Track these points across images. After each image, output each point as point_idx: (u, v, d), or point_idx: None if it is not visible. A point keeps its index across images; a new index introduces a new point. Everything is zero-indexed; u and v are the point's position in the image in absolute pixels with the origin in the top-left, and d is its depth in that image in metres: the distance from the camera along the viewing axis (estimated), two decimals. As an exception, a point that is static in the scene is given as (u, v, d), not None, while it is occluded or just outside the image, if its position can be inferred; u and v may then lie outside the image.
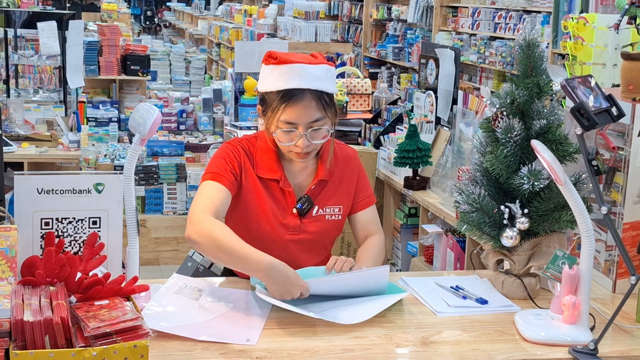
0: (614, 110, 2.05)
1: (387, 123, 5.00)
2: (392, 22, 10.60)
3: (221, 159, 2.43)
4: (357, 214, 2.57)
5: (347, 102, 5.30)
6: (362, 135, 5.18)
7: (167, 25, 21.71)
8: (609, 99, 2.06)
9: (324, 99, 2.36)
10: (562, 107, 2.57)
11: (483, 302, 2.28)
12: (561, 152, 2.27)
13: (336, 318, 2.10)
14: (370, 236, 2.57)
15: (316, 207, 2.47)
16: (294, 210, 2.45)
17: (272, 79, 2.36)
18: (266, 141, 2.46)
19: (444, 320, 2.17)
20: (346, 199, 2.53)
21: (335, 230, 2.54)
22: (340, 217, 2.52)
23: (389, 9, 10.56)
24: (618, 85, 2.59)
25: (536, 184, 2.23)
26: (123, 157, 6.03)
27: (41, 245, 2.06)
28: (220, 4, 17.47)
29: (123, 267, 2.15)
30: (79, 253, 2.07)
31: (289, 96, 2.32)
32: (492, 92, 4.32)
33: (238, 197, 2.45)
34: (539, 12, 7.42)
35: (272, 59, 2.38)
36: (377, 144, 4.75)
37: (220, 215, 2.34)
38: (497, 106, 2.32)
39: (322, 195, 2.48)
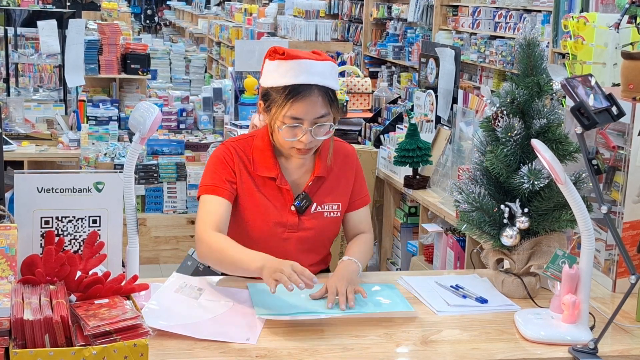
0: (614, 109, 2.05)
1: (387, 122, 4.99)
2: (392, 21, 10.59)
3: (215, 168, 2.43)
4: (351, 213, 2.56)
5: (347, 101, 5.30)
6: (362, 134, 5.18)
7: (167, 24, 21.69)
8: (609, 98, 2.06)
9: (329, 95, 2.37)
10: (562, 106, 2.57)
11: (483, 301, 2.28)
12: (561, 151, 2.27)
13: (333, 314, 2.12)
14: (361, 234, 2.57)
15: (314, 204, 2.47)
16: (292, 208, 2.44)
17: (277, 75, 2.34)
18: (262, 140, 2.45)
19: (444, 320, 2.17)
20: (344, 196, 2.52)
21: (333, 228, 2.53)
22: (338, 214, 2.51)
23: (389, 7, 10.56)
24: (618, 85, 2.59)
25: (536, 183, 2.23)
26: (123, 156, 6.02)
27: (41, 244, 2.06)
28: (219, 3, 17.45)
29: (123, 265, 2.15)
30: (79, 252, 2.07)
31: (296, 91, 2.31)
32: (492, 91, 4.33)
33: (234, 201, 2.45)
34: (539, 11, 7.42)
35: (277, 54, 2.37)
36: (377, 143, 4.75)
37: (223, 228, 2.38)
38: (497, 105, 2.32)
39: (320, 192, 2.48)
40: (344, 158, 2.54)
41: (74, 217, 2.08)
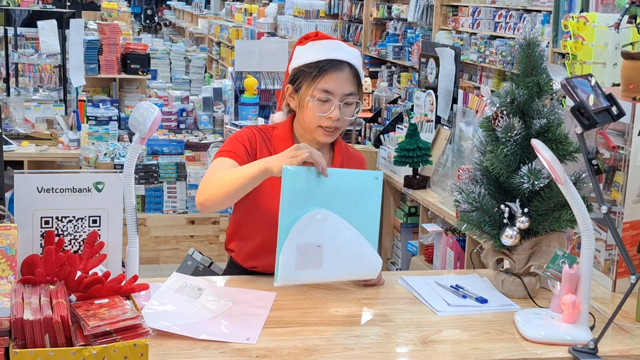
0: (614, 109, 2.05)
1: (387, 122, 5.00)
2: (392, 21, 10.59)
3: (236, 140, 2.49)
4: None
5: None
6: (362, 134, 5.18)
7: (167, 24, 21.70)
8: (609, 98, 2.06)
9: (357, 76, 2.47)
10: (562, 106, 2.57)
11: (483, 301, 2.28)
12: (561, 151, 2.27)
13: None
14: None
15: None
16: None
17: (310, 53, 2.45)
18: (284, 129, 2.51)
19: (444, 320, 2.17)
20: None
21: None
22: None
23: (389, 7, 10.55)
24: (618, 85, 2.59)
25: (536, 183, 2.23)
26: (123, 156, 6.03)
27: (41, 244, 2.05)
28: (223, 6, 17.47)
29: (123, 265, 2.15)
30: (79, 252, 2.07)
31: (330, 65, 2.41)
32: (492, 91, 4.33)
33: None
34: (539, 11, 7.42)
35: (309, 38, 2.49)
36: (377, 143, 4.75)
37: None
38: (497, 105, 2.32)
39: None
40: (357, 162, 2.60)
41: (74, 217, 2.08)
